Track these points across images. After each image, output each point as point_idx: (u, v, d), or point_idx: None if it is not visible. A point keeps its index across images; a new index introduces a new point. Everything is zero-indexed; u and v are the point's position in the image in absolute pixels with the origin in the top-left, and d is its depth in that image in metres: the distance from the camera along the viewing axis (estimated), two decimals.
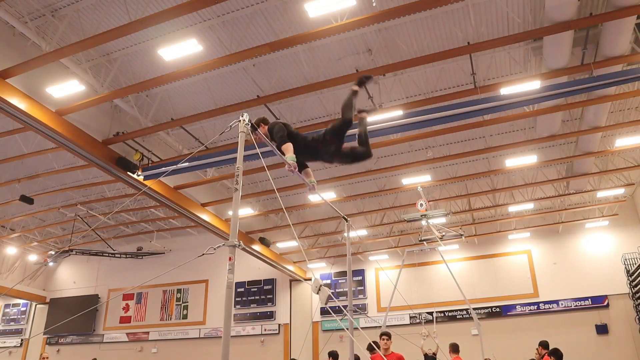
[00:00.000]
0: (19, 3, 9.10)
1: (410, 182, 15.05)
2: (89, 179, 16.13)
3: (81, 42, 8.75)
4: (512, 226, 19.33)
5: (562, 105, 11.26)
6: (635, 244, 17.33)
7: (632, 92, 11.08)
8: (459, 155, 13.73)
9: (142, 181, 12.58)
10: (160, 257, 22.09)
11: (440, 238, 13.78)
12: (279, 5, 9.29)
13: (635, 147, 13.63)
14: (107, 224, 19.53)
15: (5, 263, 23.11)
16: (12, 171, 15.23)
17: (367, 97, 11.26)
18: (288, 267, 20.76)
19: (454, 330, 17.93)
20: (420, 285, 19.82)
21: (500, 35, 9.88)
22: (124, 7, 9.06)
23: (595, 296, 17.98)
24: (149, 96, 12.00)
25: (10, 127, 12.47)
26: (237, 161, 4.08)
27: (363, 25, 8.97)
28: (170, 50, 9.22)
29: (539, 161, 14.22)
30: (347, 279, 7.45)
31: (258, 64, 10.89)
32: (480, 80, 11.06)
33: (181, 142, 13.65)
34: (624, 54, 9.50)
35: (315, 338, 20.76)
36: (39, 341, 24.51)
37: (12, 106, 9.38)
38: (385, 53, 10.50)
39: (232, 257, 3.67)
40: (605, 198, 17.76)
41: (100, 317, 24.05)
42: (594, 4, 9.27)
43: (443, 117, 10.20)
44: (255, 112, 11.79)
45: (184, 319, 22.83)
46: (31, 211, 18.22)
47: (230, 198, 14.40)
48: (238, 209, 3.93)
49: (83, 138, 11.13)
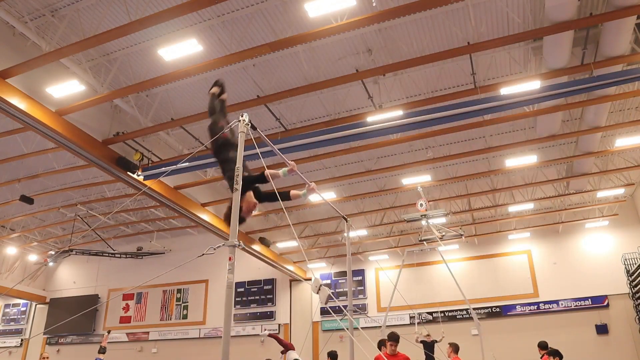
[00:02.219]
0: (19, 3, 9.10)
1: (410, 182, 15.06)
2: (89, 179, 16.13)
3: (81, 42, 8.76)
4: (512, 226, 19.32)
5: (562, 105, 11.26)
6: (635, 244, 17.32)
7: (632, 92, 11.08)
8: (459, 155, 13.73)
9: (142, 181, 12.58)
10: (160, 257, 22.08)
11: (440, 238, 13.78)
12: (279, 5, 9.29)
13: (635, 147, 13.62)
14: (107, 224, 19.52)
15: (5, 263, 23.10)
16: (12, 171, 15.23)
17: (367, 97, 11.28)
18: (288, 267, 20.76)
19: (454, 330, 17.92)
20: (420, 285, 19.81)
21: (500, 35, 9.88)
22: (124, 7, 9.06)
23: (595, 296, 17.97)
24: (149, 96, 12.00)
25: (10, 127, 12.47)
26: (237, 161, 4.09)
27: (363, 25, 8.96)
28: (170, 50, 9.23)
29: (539, 161, 14.22)
30: (347, 279, 7.46)
31: (258, 64, 10.88)
32: (480, 80, 11.05)
33: (181, 142, 13.66)
34: (624, 54, 9.51)
35: (315, 338, 20.76)
36: (39, 341, 24.50)
37: (12, 106, 9.38)
38: (385, 53, 10.50)
39: (232, 257, 3.67)
40: (605, 198, 17.76)
41: (100, 317, 24.04)
42: (594, 4, 9.27)
43: (443, 117, 10.19)
44: (255, 112, 11.81)
45: (184, 319, 22.82)
46: (31, 211, 18.22)
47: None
48: (238, 209, 3.93)
49: (83, 138, 11.13)
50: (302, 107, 12.22)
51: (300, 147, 11.13)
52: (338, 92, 11.76)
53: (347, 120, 11.41)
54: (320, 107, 12.43)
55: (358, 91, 11.60)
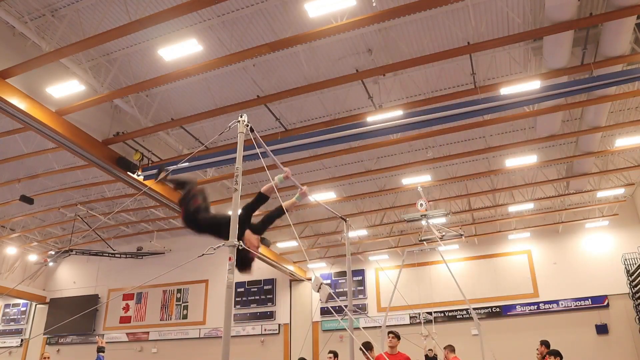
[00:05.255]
0: (19, 3, 9.11)
1: (410, 182, 15.05)
2: (89, 179, 16.13)
3: (81, 42, 8.75)
4: (512, 226, 19.32)
5: (562, 105, 11.26)
6: (635, 244, 17.31)
7: (632, 92, 11.08)
8: (459, 155, 13.73)
9: (142, 181, 12.58)
10: (160, 257, 22.07)
11: (440, 238, 13.76)
12: (279, 5, 9.29)
13: (635, 147, 13.62)
14: (107, 224, 19.52)
15: (5, 263, 23.09)
16: (12, 171, 15.23)
17: (367, 97, 11.28)
18: (288, 267, 20.75)
19: (454, 330, 17.95)
20: (420, 285, 19.79)
21: (500, 35, 9.88)
22: (124, 7, 9.06)
23: (595, 296, 17.97)
24: (149, 96, 12.00)
25: (10, 127, 12.47)
26: (237, 161, 4.09)
27: (363, 25, 8.97)
28: (170, 50, 9.23)
29: (539, 161, 14.22)
30: (347, 279, 7.45)
31: (258, 64, 10.88)
32: (480, 80, 11.05)
33: (181, 142, 13.66)
34: (624, 54, 9.51)
35: (315, 338, 20.75)
36: (39, 341, 24.48)
37: (12, 106, 9.38)
38: (385, 53, 10.49)
39: (232, 257, 3.67)
40: (605, 198, 17.76)
41: (100, 317, 24.03)
42: (594, 4, 9.26)
43: (443, 117, 10.19)
44: (255, 112, 11.81)
45: (184, 319, 22.81)
46: (31, 211, 18.21)
47: (230, 198, 14.37)
48: (238, 209, 3.93)
49: (83, 138, 11.13)
50: (302, 107, 12.22)
51: (300, 147, 11.13)
52: (338, 92, 11.76)
53: (347, 120, 11.41)
54: (320, 107, 12.43)
55: (358, 91, 11.60)
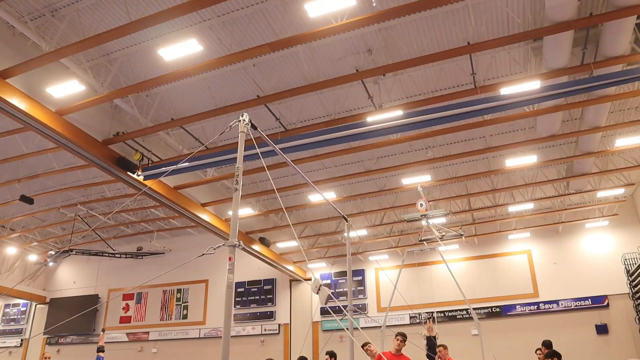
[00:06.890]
0: (19, 3, 9.10)
1: (410, 182, 15.05)
2: (89, 179, 16.13)
3: (81, 42, 8.75)
4: (512, 226, 19.32)
5: (562, 105, 11.26)
6: (635, 244, 17.32)
7: (632, 92, 11.08)
8: (459, 155, 13.73)
9: (142, 181, 12.58)
10: (160, 257, 22.08)
11: (440, 238, 13.75)
12: (279, 5, 9.29)
13: (635, 147, 13.62)
14: (107, 224, 19.53)
15: (5, 263, 23.10)
16: (12, 171, 15.23)
17: (367, 97, 11.27)
18: (288, 267, 20.76)
19: (454, 330, 17.94)
20: (420, 285, 19.79)
21: (500, 35, 9.88)
22: (124, 7, 9.06)
23: (595, 296, 17.98)
24: (149, 96, 12.00)
25: (10, 127, 12.47)
26: (237, 161, 4.09)
27: (363, 25, 8.97)
28: (170, 50, 9.22)
29: (539, 161, 14.22)
30: (347, 279, 7.45)
31: (258, 64, 10.88)
32: (480, 80, 11.05)
33: (181, 142, 13.66)
34: (624, 54, 9.50)
35: (315, 338, 20.76)
36: (39, 341, 24.51)
37: (12, 106, 9.38)
38: (385, 53, 10.49)
39: (232, 257, 3.67)
40: (605, 198, 17.76)
41: (100, 317, 24.04)
42: (594, 4, 9.27)
43: (443, 117, 10.18)
44: (255, 112, 11.81)
45: (184, 319, 22.83)
46: (31, 211, 18.22)
47: (230, 198, 14.39)
48: (238, 209, 3.93)
49: (83, 138, 11.13)
50: (302, 107, 12.22)
51: (300, 147, 11.13)
52: (338, 92, 11.76)
53: (347, 120, 11.41)
54: (320, 107, 12.43)
55: (358, 91, 11.59)
